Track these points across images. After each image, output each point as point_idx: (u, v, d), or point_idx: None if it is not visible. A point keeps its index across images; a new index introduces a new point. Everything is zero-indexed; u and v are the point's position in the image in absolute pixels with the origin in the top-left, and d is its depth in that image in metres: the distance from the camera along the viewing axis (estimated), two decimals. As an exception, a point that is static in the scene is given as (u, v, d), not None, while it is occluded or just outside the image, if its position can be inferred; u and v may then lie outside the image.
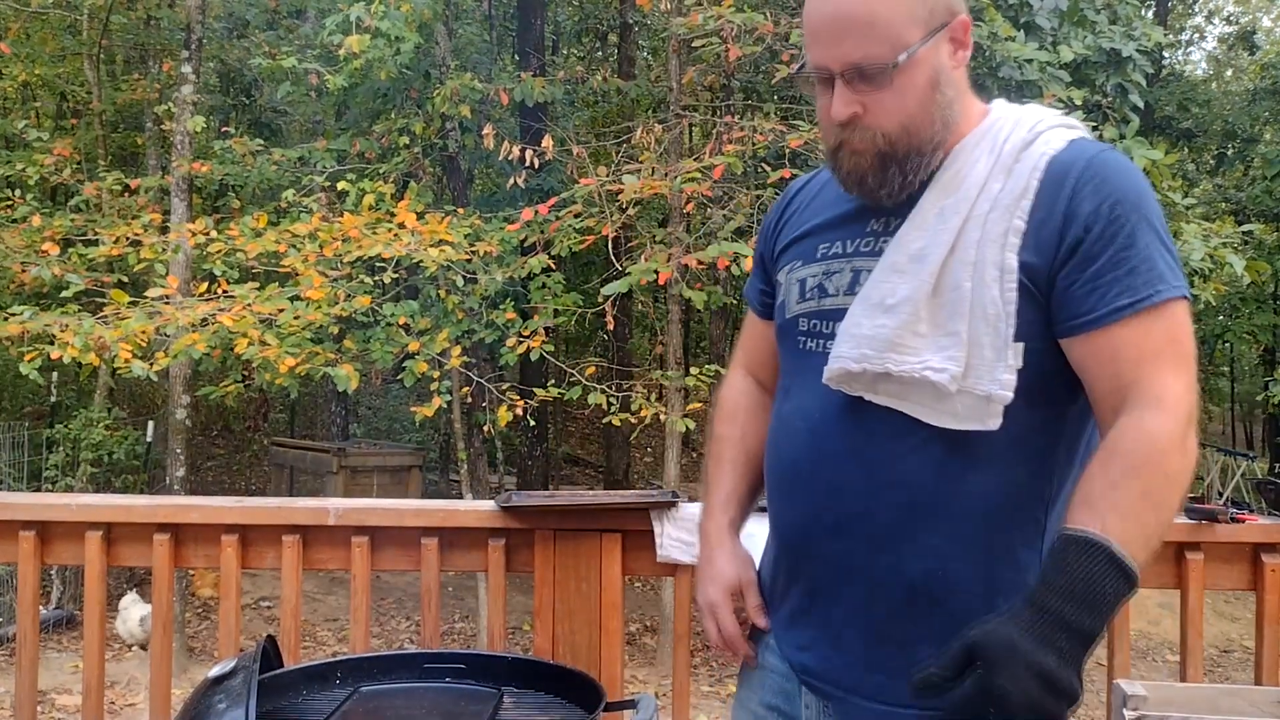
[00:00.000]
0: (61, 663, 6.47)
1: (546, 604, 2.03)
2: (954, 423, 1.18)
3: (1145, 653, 8.20)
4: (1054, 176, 1.18)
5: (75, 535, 2.12)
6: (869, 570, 1.23)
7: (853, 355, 1.21)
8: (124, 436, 8.31)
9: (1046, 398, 1.20)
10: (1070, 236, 1.16)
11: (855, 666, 1.25)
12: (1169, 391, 1.12)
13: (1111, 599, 1.04)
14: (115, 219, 7.09)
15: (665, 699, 2.94)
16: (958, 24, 1.21)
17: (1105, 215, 1.15)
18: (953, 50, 1.22)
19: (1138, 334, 1.14)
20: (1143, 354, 1.13)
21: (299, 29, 9.20)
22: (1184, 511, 2.03)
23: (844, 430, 1.25)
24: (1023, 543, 1.21)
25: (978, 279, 1.17)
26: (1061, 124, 1.25)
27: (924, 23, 1.18)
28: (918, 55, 1.17)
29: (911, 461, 1.20)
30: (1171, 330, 1.15)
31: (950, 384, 1.16)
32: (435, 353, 6.23)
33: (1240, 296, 12.64)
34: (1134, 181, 1.19)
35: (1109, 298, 1.14)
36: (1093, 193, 1.16)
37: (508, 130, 8.52)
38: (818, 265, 1.32)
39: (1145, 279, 1.14)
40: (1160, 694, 1.74)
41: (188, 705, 1.42)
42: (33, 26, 9.56)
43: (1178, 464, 1.10)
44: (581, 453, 14.47)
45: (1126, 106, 7.08)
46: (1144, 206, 1.17)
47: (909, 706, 1.19)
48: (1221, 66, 19.22)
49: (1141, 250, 1.15)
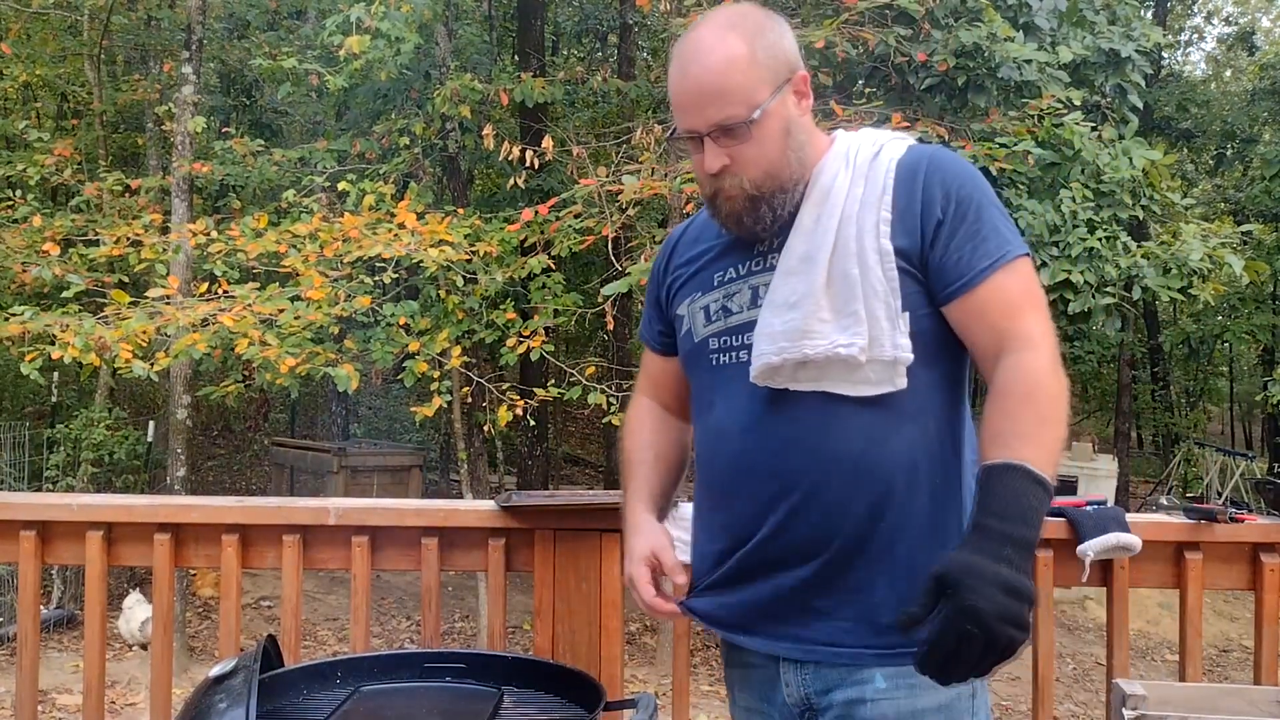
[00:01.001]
0: (62, 662, 6.48)
1: (546, 604, 2.04)
2: (869, 389, 1.37)
3: (1145, 652, 8.20)
4: (904, 174, 1.40)
5: (76, 535, 2.12)
6: (823, 539, 1.38)
7: (772, 350, 1.38)
8: (125, 436, 8.32)
9: (938, 358, 1.40)
10: (930, 220, 1.38)
11: (822, 625, 1.40)
12: (1035, 331, 1.34)
13: (1037, 509, 1.20)
14: (116, 219, 7.09)
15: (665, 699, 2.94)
16: (797, 79, 1.42)
17: (954, 198, 1.38)
18: (797, 100, 1.43)
19: (999, 289, 1.36)
20: (1008, 304, 1.35)
21: (299, 29, 9.21)
22: (1184, 511, 2.04)
23: (778, 422, 1.41)
24: (942, 486, 1.40)
25: (863, 265, 1.37)
26: (895, 137, 1.48)
27: (769, 83, 1.38)
28: (769, 109, 1.38)
29: (843, 433, 1.38)
30: (1024, 282, 1.37)
31: (860, 355, 1.35)
32: (435, 353, 6.23)
33: (1239, 296, 12.65)
34: (968, 169, 1.43)
35: (972, 263, 1.36)
36: (940, 182, 1.39)
37: (508, 131, 8.53)
38: (717, 291, 1.51)
39: (996, 243, 1.37)
40: (1159, 693, 1.74)
41: (188, 705, 1.42)
42: (33, 27, 9.57)
43: (1056, 387, 1.30)
44: (581, 453, 14.47)
45: (1125, 107, 7.08)
46: (981, 188, 1.41)
47: (873, 648, 1.37)
48: (1220, 67, 19.22)
49: (988, 221, 1.38)
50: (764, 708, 1.49)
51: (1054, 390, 1.29)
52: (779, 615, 1.43)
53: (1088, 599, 8.79)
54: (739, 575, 1.46)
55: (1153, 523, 2.02)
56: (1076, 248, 6.09)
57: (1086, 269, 6.09)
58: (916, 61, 6.36)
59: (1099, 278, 6.13)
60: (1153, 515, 2.09)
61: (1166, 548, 2.01)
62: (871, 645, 1.37)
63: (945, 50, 6.27)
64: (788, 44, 1.42)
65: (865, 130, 1.51)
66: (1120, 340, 12.08)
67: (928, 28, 6.36)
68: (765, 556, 1.42)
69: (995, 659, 1.13)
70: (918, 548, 1.37)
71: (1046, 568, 1.97)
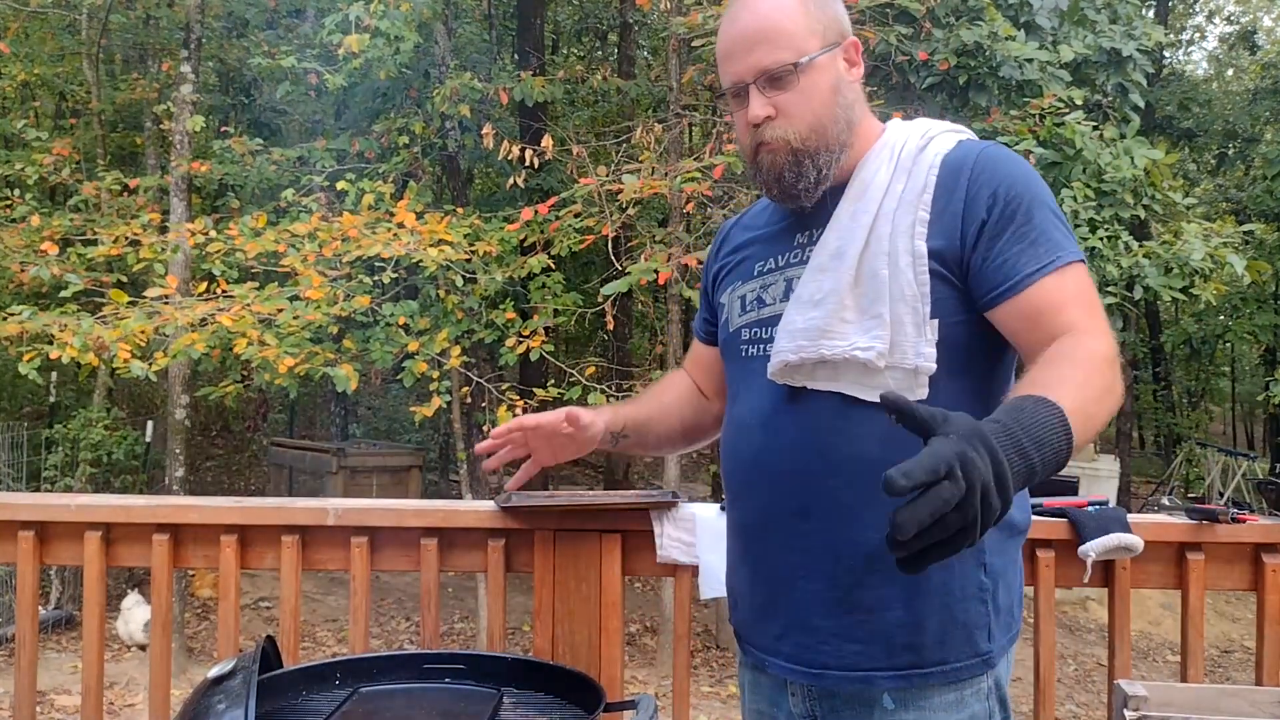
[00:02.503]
0: (61, 663, 6.47)
1: (546, 604, 2.03)
2: None
3: (1146, 653, 8.20)
4: (949, 171, 1.33)
5: (74, 535, 2.12)
6: (833, 547, 1.32)
7: (791, 348, 1.34)
8: (123, 436, 8.31)
9: (966, 368, 1.33)
10: (974, 221, 1.30)
11: (829, 642, 1.33)
12: (1095, 325, 1.24)
13: (1054, 451, 1.02)
14: (114, 219, 7.09)
15: (665, 699, 2.94)
16: (849, 44, 1.39)
17: (1002, 198, 1.29)
18: (847, 67, 1.39)
19: (1051, 291, 1.26)
20: (1062, 303, 1.26)
21: (298, 28, 9.20)
22: (1185, 512, 2.03)
23: (794, 420, 1.36)
24: None
25: (893, 267, 1.30)
26: (949, 129, 1.40)
27: (820, 36, 1.36)
28: (818, 61, 1.35)
29: (856, 438, 1.31)
30: (1079, 285, 1.28)
31: (878, 360, 1.29)
32: (435, 353, 6.22)
33: (1241, 296, 12.65)
34: (1021, 168, 1.34)
35: (1020, 266, 1.27)
36: (987, 181, 1.30)
37: (507, 130, 8.52)
38: (755, 281, 1.48)
39: (1046, 248, 1.28)
40: (1161, 694, 1.73)
41: (187, 705, 1.41)
42: (32, 26, 9.56)
43: (1113, 378, 1.17)
44: (581, 453, 14.45)
45: (1127, 106, 7.08)
46: (1033, 188, 1.31)
47: (886, 671, 1.30)
48: (1222, 66, 19.22)
49: (1038, 225, 1.29)
50: (774, 713, 1.46)
51: (1110, 378, 1.16)
52: (787, 633, 1.38)
53: (1089, 600, 8.78)
54: (752, 579, 1.42)
55: (1154, 523, 2.01)
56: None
57: (1088, 269, 6.08)
58: (918, 60, 6.36)
59: (1100, 277, 6.12)
60: (1154, 516, 2.09)
61: (1168, 548, 2.00)
62: (883, 668, 1.30)
63: (946, 49, 6.27)
64: (839, 9, 1.40)
65: (919, 120, 1.43)
66: (1122, 340, 12.07)
67: (929, 26, 6.36)
68: (777, 564, 1.38)
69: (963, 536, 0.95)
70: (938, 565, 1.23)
71: (1048, 568, 1.97)
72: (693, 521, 2.03)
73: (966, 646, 1.30)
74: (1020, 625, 1.39)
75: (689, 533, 2.02)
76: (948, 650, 1.29)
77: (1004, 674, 1.35)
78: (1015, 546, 1.38)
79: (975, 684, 1.30)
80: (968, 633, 1.30)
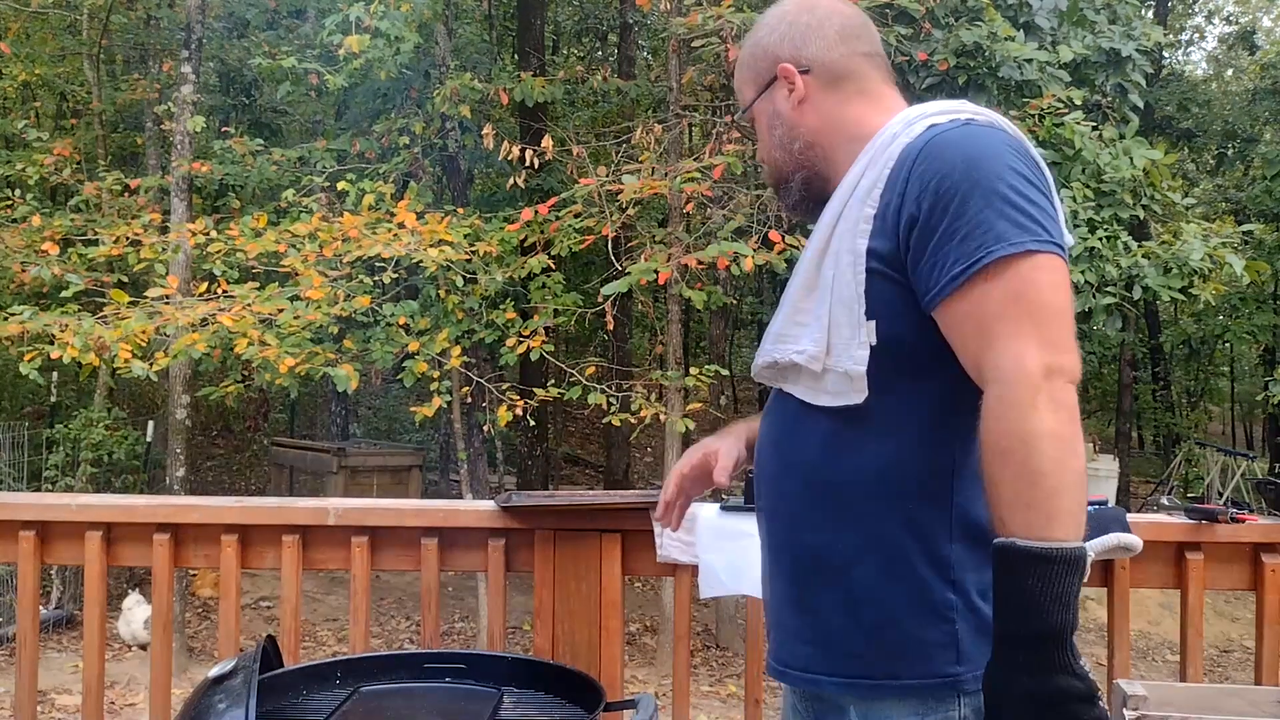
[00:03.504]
0: (61, 663, 6.47)
1: (546, 604, 2.03)
2: (829, 400, 1.27)
3: (1145, 653, 8.20)
4: (900, 163, 1.24)
5: (75, 535, 2.12)
6: (788, 548, 1.33)
7: (762, 350, 1.37)
8: (124, 436, 8.31)
9: (914, 370, 1.24)
10: (905, 218, 1.21)
11: (788, 642, 1.34)
12: (1006, 359, 1.11)
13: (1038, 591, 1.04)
14: (115, 219, 7.08)
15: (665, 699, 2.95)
16: (780, 72, 1.39)
17: (932, 191, 1.19)
18: (787, 93, 1.39)
19: (973, 301, 1.15)
20: (981, 322, 1.15)
21: (299, 29, 9.19)
22: (1185, 512, 2.04)
23: (770, 422, 1.40)
24: (919, 511, 1.24)
25: (837, 266, 1.26)
26: (939, 112, 1.28)
27: (752, 82, 1.44)
28: (754, 109, 1.44)
29: (806, 441, 1.31)
30: (1012, 287, 1.14)
31: (812, 364, 1.27)
32: (435, 353, 6.23)
33: (1240, 296, 12.64)
34: (965, 152, 1.20)
35: (946, 268, 1.17)
36: (922, 173, 1.21)
37: (508, 130, 8.52)
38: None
39: (978, 242, 1.15)
40: (1160, 694, 1.74)
41: (188, 705, 1.42)
42: (33, 26, 9.57)
43: (1031, 425, 1.09)
44: (581, 453, 14.47)
45: (1126, 106, 7.08)
46: (975, 174, 1.18)
47: (832, 675, 1.27)
48: (1221, 66, 19.22)
49: (971, 216, 1.16)
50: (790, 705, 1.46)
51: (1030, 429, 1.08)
52: (770, 630, 1.40)
53: (1088, 599, 8.78)
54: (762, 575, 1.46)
55: (1154, 523, 2.02)
56: (1077, 247, 6.08)
57: (1087, 269, 6.08)
58: (917, 61, 6.36)
59: (1100, 277, 6.12)
60: (1154, 515, 2.09)
61: (1167, 548, 2.00)
62: (833, 673, 1.28)
63: (946, 49, 6.27)
64: (776, 37, 1.39)
65: (919, 106, 1.34)
66: (1121, 340, 12.08)
67: (928, 27, 6.36)
68: (763, 563, 1.42)
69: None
70: (884, 574, 1.24)
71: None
72: (693, 521, 2.03)
73: (921, 664, 1.22)
74: None
75: (689, 532, 2.02)
76: (899, 665, 1.23)
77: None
78: None
79: (940, 706, 1.22)
80: (924, 650, 1.22)
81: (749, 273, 6.32)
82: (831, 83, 1.37)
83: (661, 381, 6.76)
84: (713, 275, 6.74)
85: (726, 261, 5.81)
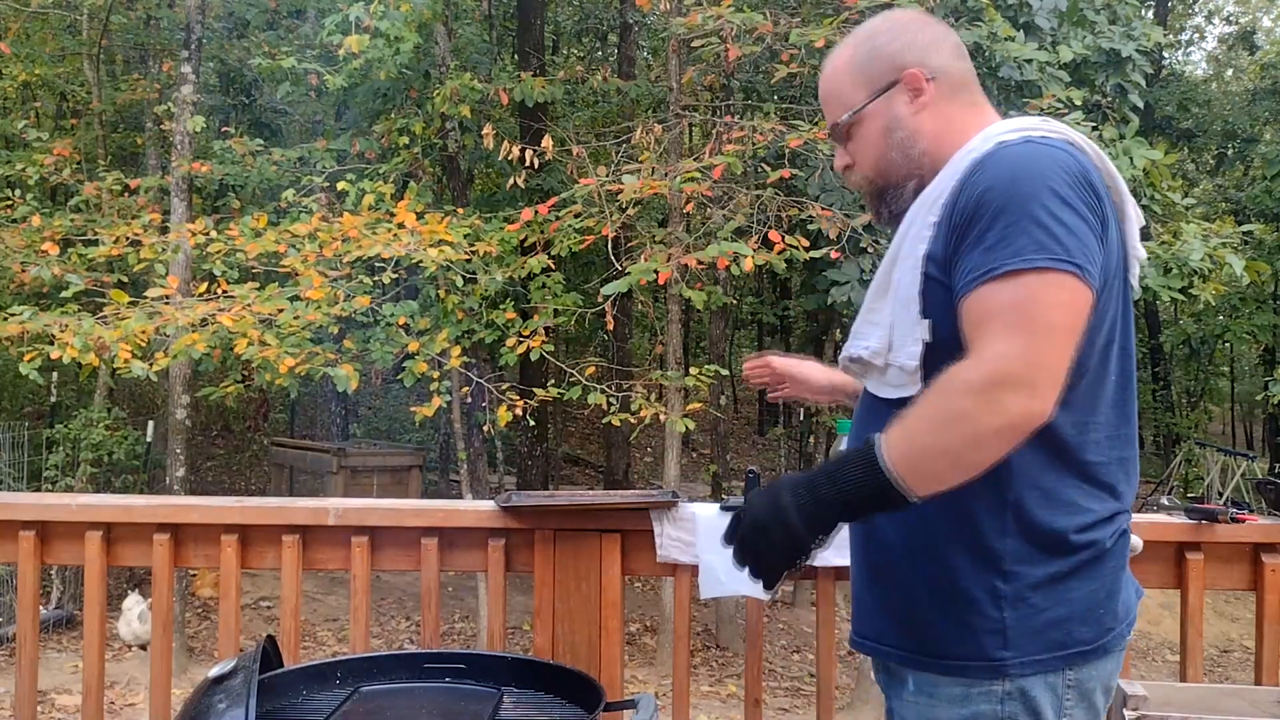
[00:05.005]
0: (61, 663, 6.47)
1: (546, 604, 2.03)
2: (891, 392, 1.39)
3: (1145, 653, 8.20)
4: (966, 174, 1.33)
5: (75, 535, 2.12)
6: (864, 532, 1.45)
7: (846, 346, 1.47)
8: (124, 436, 8.32)
9: None
10: (956, 225, 1.31)
11: (868, 615, 1.46)
12: (987, 348, 1.21)
13: (853, 481, 1.25)
14: (115, 219, 7.09)
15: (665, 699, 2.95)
16: (907, 76, 1.43)
17: (975, 201, 1.28)
18: (911, 98, 1.44)
19: (979, 301, 1.25)
20: (980, 318, 1.24)
21: (299, 29, 9.20)
22: (1185, 512, 2.04)
23: (857, 412, 1.52)
24: (974, 502, 1.32)
25: (901, 269, 1.37)
26: (1014, 129, 1.36)
27: (867, 85, 1.45)
28: (866, 111, 1.45)
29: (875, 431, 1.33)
30: (1017, 295, 1.22)
31: (874, 359, 1.39)
32: (435, 353, 6.23)
33: (1240, 296, 12.65)
34: (1011, 169, 1.29)
35: (968, 271, 1.27)
36: (977, 183, 1.30)
37: (508, 130, 8.52)
38: None
39: (999, 255, 1.24)
40: (1160, 694, 1.74)
41: (188, 705, 1.42)
42: (33, 26, 9.57)
43: (966, 403, 1.19)
44: (581, 453, 14.47)
45: (1126, 106, 7.08)
46: (1014, 189, 1.26)
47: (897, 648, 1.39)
48: (1221, 66, 19.23)
49: (1000, 229, 1.25)
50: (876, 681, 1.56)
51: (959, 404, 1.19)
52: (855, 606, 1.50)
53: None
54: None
55: (1154, 523, 2.02)
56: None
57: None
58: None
59: (1099, 277, 6.11)
60: (1154, 515, 2.09)
61: (1168, 548, 2.00)
62: (897, 646, 1.40)
63: (946, 50, 6.26)
64: (900, 45, 1.45)
65: (1008, 120, 1.42)
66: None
67: (928, 27, 6.35)
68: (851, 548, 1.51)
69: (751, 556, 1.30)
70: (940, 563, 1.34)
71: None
72: (693, 521, 2.03)
73: (972, 647, 1.32)
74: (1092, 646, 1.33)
75: (689, 532, 2.02)
76: (954, 646, 1.33)
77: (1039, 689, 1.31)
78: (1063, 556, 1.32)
79: (984, 685, 1.32)
80: (975, 635, 1.32)
81: (749, 273, 6.32)
82: (951, 92, 1.45)
83: (661, 381, 6.77)
84: (713, 275, 6.75)
85: (726, 261, 5.81)
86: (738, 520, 1.32)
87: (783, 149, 6.37)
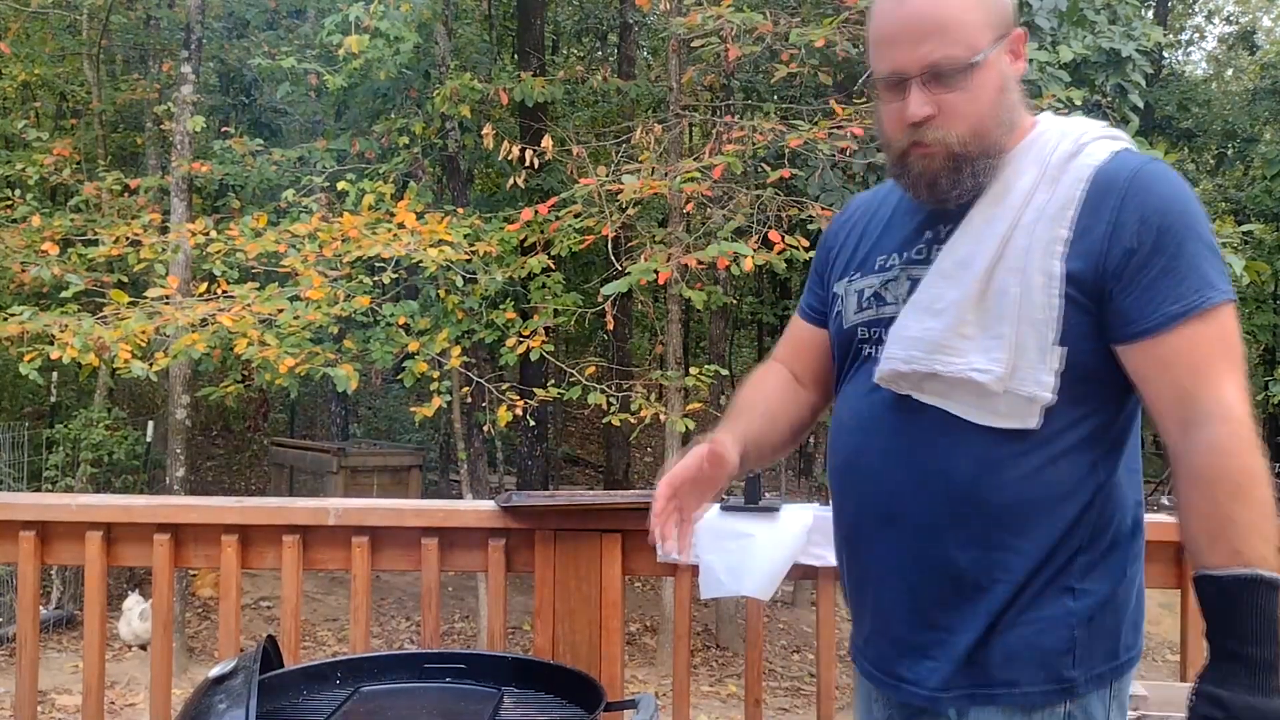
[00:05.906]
0: (61, 663, 6.47)
1: (546, 604, 2.03)
2: (995, 420, 1.24)
3: (1145, 653, 8.18)
4: (1099, 188, 1.22)
5: (75, 535, 2.12)
6: (916, 559, 1.29)
7: (902, 356, 1.27)
8: (124, 436, 8.32)
9: (1088, 398, 1.25)
10: (1120, 248, 1.20)
11: (906, 654, 1.31)
12: (1225, 399, 1.17)
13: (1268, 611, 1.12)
14: (115, 219, 7.09)
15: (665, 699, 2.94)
16: (1016, 35, 1.28)
17: (1154, 227, 1.20)
18: (1012, 60, 1.28)
19: (1189, 341, 1.18)
20: (1196, 361, 1.18)
21: (298, 29, 9.20)
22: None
23: (892, 427, 1.31)
24: (1065, 535, 1.25)
25: (1025, 285, 1.22)
26: (1106, 135, 1.29)
27: (993, 28, 1.24)
28: (989, 58, 1.23)
29: (954, 456, 1.26)
30: (1221, 333, 1.20)
31: (995, 385, 1.22)
32: (435, 353, 6.23)
33: (1240, 296, 12.63)
34: (1178, 192, 1.23)
35: (1161, 306, 1.19)
36: (1139, 205, 1.21)
37: (507, 130, 8.52)
38: (876, 276, 1.38)
39: (1194, 285, 1.19)
40: (1161, 694, 1.74)
41: (188, 705, 1.42)
42: (32, 26, 9.57)
43: (1258, 462, 1.15)
44: (581, 453, 14.47)
45: (1126, 106, 7.08)
46: (1189, 216, 1.21)
47: (950, 690, 1.26)
48: (1221, 66, 19.22)
49: (1189, 259, 1.19)
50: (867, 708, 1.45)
51: (1257, 472, 1.15)
52: (872, 639, 1.37)
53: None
54: (848, 579, 1.42)
55: (1154, 523, 2.01)
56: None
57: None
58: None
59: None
60: (1154, 515, 2.08)
61: (1168, 548, 2.00)
62: (952, 687, 1.27)
63: (946, 50, 6.27)
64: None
65: (1074, 120, 1.31)
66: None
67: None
68: (866, 569, 1.36)
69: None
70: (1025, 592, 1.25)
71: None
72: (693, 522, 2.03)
73: (1041, 671, 1.24)
74: (1135, 653, 1.32)
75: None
76: (1018, 672, 1.25)
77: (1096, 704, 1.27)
78: (1118, 566, 1.29)
79: (1047, 711, 1.25)
80: (1044, 658, 1.24)
81: (749, 273, 6.32)
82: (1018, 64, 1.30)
83: (661, 381, 6.77)
84: (713, 275, 6.75)
85: (726, 261, 5.81)
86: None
87: (782, 149, 6.37)
